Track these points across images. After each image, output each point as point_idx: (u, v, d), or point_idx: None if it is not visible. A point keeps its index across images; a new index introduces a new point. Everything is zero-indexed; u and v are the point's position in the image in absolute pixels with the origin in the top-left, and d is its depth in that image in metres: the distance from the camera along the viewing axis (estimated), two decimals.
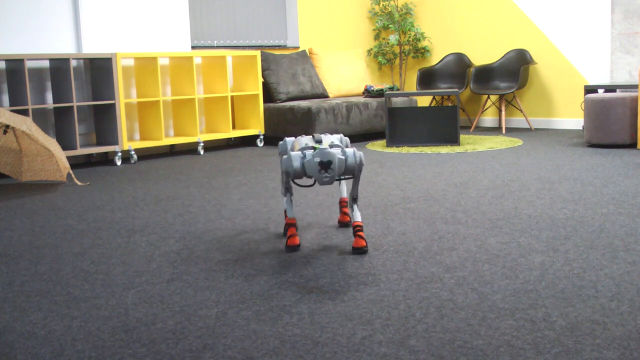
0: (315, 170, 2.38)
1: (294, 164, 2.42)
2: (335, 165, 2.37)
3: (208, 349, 1.68)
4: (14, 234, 3.04)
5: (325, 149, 2.37)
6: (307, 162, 2.39)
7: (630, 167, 4.27)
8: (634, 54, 6.25)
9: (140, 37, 5.74)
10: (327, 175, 2.37)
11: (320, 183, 2.39)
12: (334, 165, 2.37)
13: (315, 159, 2.37)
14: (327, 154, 2.36)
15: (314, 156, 2.38)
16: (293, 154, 2.44)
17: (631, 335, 1.67)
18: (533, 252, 2.44)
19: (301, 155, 2.43)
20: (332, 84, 6.82)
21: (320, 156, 2.37)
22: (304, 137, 2.68)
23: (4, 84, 5.07)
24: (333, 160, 2.37)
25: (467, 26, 7.44)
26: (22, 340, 1.78)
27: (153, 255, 2.59)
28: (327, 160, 2.36)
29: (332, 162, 2.37)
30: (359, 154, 2.44)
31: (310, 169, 2.39)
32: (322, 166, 2.37)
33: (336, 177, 2.41)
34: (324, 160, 2.37)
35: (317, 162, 2.37)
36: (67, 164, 4.31)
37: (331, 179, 2.38)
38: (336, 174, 2.39)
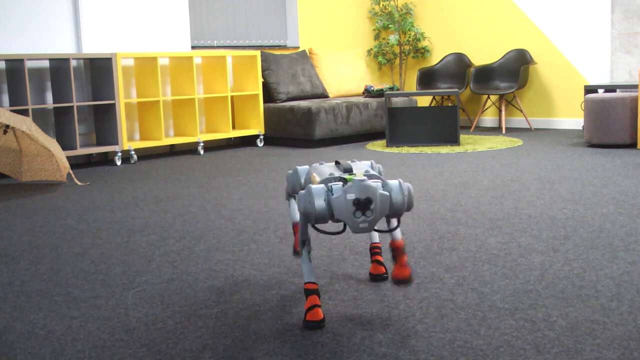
0: (348, 211, 1.71)
1: (317, 202, 1.74)
2: (377, 205, 1.72)
3: (208, 349, 1.68)
4: (14, 234, 3.04)
5: (362, 181, 1.71)
6: (337, 200, 1.72)
7: (630, 167, 4.27)
8: (634, 54, 6.25)
9: (140, 37, 5.74)
10: (365, 219, 1.71)
11: (354, 230, 1.72)
12: (375, 204, 1.71)
13: (349, 196, 1.71)
14: (365, 188, 1.71)
15: (347, 191, 1.71)
16: (314, 188, 1.76)
17: (631, 335, 1.67)
18: (533, 252, 2.44)
19: (326, 189, 1.77)
20: (332, 84, 6.82)
21: (356, 191, 1.71)
22: (325, 164, 2.04)
23: (4, 84, 5.07)
24: (374, 197, 1.71)
25: (467, 26, 7.44)
26: (22, 340, 1.78)
27: (153, 255, 2.59)
28: (365, 197, 1.71)
29: (373, 200, 1.71)
30: (406, 187, 1.80)
31: (341, 210, 1.72)
32: (359, 206, 1.71)
33: (378, 220, 1.74)
34: (361, 198, 1.70)
35: (352, 200, 1.71)
36: (67, 164, 4.31)
37: (371, 225, 1.72)
38: (378, 217, 1.73)
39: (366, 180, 1.73)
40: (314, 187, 1.76)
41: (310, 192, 1.76)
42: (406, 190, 1.80)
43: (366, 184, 1.72)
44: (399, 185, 1.80)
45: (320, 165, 2.02)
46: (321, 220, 1.77)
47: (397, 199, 1.79)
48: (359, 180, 1.72)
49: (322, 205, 1.75)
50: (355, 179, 1.73)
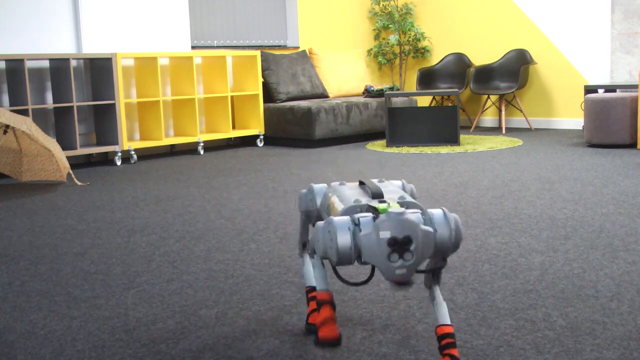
0: (381, 253, 1.32)
1: (340, 239, 1.36)
2: (419, 245, 1.33)
3: (208, 349, 1.68)
4: (14, 234, 3.04)
5: (399, 214, 1.33)
6: (366, 238, 1.33)
7: (630, 167, 4.27)
8: (634, 54, 6.25)
9: (140, 37, 5.74)
10: (403, 264, 1.33)
11: (388, 276, 1.33)
12: (416, 244, 1.33)
13: (382, 234, 1.32)
14: (403, 223, 1.32)
15: (379, 227, 1.32)
16: (337, 221, 1.38)
17: (631, 335, 1.67)
18: (533, 252, 2.44)
19: (352, 223, 1.38)
20: (332, 84, 6.82)
21: (392, 228, 1.32)
22: (346, 185, 1.66)
23: (4, 84, 5.07)
24: (415, 235, 1.32)
25: (467, 26, 7.44)
26: (22, 340, 1.78)
27: (153, 255, 2.59)
28: (404, 235, 1.32)
29: (414, 238, 1.32)
30: (453, 218, 1.42)
31: (372, 252, 1.33)
32: (395, 247, 1.32)
33: (418, 265, 1.35)
34: (398, 237, 1.32)
35: (386, 240, 1.32)
36: (67, 164, 4.31)
37: (410, 270, 1.34)
38: (419, 260, 1.34)
39: (404, 213, 1.33)
40: (337, 219, 1.38)
41: (332, 226, 1.37)
42: (453, 223, 1.41)
43: (405, 218, 1.32)
44: (444, 217, 1.41)
45: (341, 187, 1.65)
46: (345, 262, 1.38)
47: (442, 236, 1.40)
48: (395, 213, 1.32)
49: (347, 243, 1.35)
50: (390, 211, 1.33)
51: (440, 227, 1.41)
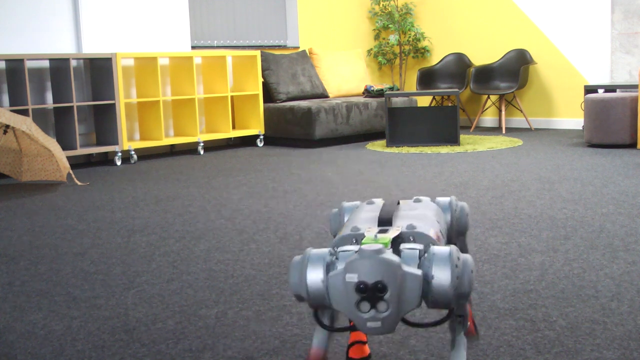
0: (347, 301, 1.11)
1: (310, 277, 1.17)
2: (397, 293, 1.09)
3: (208, 349, 1.68)
4: (14, 234, 3.04)
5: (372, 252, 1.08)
6: (333, 279, 1.13)
7: (630, 167, 4.27)
8: (634, 54, 6.25)
9: (140, 37, 5.74)
10: (375, 317, 1.10)
11: (361, 329, 1.12)
12: (392, 292, 1.08)
13: (349, 277, 1.09)
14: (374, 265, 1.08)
15: (347, 268, 1.10)
16: (312, 254, 1.19)
17: (631, 335, 1.67)
18: (533, 252, 2.44)
19: (327, 259, 1.18)
20: (332, 84, 6.82)
21: (361, 270, 1.08)
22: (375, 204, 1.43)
23: (4, 84, 5.07)
24: (390, 281, 1.08)
25: (467, 26, 7.44)
26: (22, 340, 1.78)
27: (153, 255, 2.59)
28: (373, 281, 1.08)
29: (388, 285, 1.08)
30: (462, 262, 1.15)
31: (339, 297, 1.13)
32: (365, 294, 1.09)
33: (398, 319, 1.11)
34: (367, 282, 1.08)
35: (353, 285, 1.09)
36: (67, 164, 4.31)
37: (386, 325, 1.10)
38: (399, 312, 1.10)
39: (381, 251, 1.08)
40: (314, 252, 1.19)
41: (304, 261, 1.18)
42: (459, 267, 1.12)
43: (379, 258, 1.07)
44: (447, 258, 1.12)
45: (366, 206, 1.42)
46: (319, 306, 1.17)
47: (440, 282, 1.11)
48: (368, 251, 1.08)
49: (318, 284, 1.15)
50: (363, 248, 1.09)
51: (439, 270, 1.11)
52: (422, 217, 1.28)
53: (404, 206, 1.39)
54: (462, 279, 1.13)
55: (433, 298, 1.13)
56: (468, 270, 1.14)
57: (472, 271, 1.14)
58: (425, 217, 1.29)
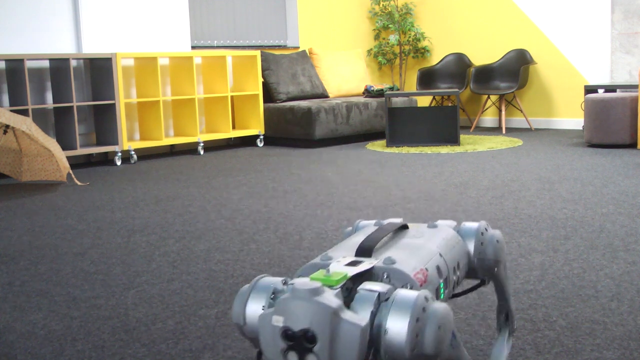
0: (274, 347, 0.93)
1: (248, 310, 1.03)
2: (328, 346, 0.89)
3: (208, 349, 1.68)
4: (14, 234, 3.04)
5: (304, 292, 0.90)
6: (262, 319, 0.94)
7: (630, 167, 4.27)
8: (634, 54, 6.25)
9: (140, 37, 5.74)
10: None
11: None
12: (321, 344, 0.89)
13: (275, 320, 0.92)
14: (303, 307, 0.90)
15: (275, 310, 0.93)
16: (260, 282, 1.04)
17: (631, 335, 1.67)
18: (533, 252, 2.44)
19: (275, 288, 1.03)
20: (332, 84, 6.82)
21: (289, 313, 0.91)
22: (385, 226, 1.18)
23: (4, 84, 5.07)
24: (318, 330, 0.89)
25: (467, 26, 7.44)
26: (22, 340, 1.78)
27: (153, 255, 2.59)
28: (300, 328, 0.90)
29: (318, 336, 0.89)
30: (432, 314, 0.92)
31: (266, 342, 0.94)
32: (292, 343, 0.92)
33: None
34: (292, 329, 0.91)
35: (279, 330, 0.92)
36: (67, 164, 4.31)
37: None
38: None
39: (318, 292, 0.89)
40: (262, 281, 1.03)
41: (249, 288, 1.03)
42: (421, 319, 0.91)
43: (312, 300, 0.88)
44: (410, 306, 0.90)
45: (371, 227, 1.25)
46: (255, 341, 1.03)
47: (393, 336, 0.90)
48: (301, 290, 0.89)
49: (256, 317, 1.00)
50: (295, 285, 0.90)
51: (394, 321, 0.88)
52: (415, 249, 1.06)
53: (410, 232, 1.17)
54: (424, 336, 0.88)
55: (387, 356, 0.91)
56: (433, 326, 0.88)
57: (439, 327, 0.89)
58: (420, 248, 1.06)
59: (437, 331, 0.89)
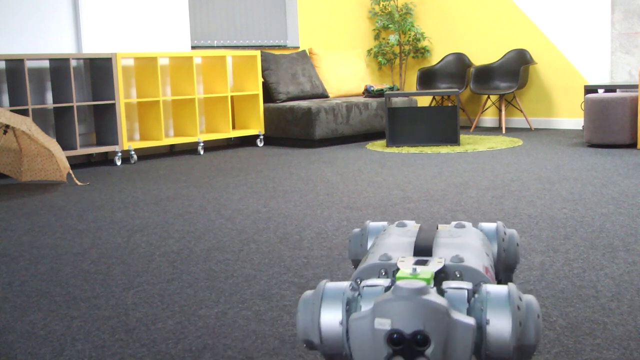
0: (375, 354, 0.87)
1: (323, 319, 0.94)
2: (442, 347, 0.85)
3: (208, 349, 1.68)
4: (14, 234, 3.04)
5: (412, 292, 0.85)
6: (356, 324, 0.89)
7: (630, 167, 4.27)
8: (634, 54, 6.25)
9: (140, 37, 5.74)
10: None
11: None
12: (436, 346, 0.84)
13: (378, 323, 0.85)
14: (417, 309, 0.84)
15: (376, 312, 0.86)
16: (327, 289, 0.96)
17: (631, 335, 1.67)
18: (533, 252, 2.44)
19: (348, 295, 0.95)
20: (332, 84, 6.82)
21: (396, 315, 0.85)
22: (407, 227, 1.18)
23: (4, 84, 5.06)
24: (431, 331, 0.84)
25: (467, 26, 7.44)
26: (22, 340, 1.78)
27: (153, 255, 2.59)
28: (412, 331, 0.84)
29: (431, 337, 0.84)
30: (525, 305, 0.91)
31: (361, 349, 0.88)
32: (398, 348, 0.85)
33: None
34: (402, 332, 0.84)
35: (384, 335, 0.86)
36: (67, 164, 4.31)
37: None
38: None
39: (424, 291, 0.85)
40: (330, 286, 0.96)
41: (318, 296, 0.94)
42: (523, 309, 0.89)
43: (422, 300, 0.84)
44: (506, 299, 0.88)
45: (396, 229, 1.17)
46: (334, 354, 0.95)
47: (498, 330, 0.87)
48: (407, 290, 0.85)
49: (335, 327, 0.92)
50: (399, 286, 0.85)
51: (496, 316, 0.87)
52: (468, 247, 1.03)
53: (444, 232, 1.12)
54: (527, 326, 0.88)
55: (488, 352, 0.88)
56: (533, 316, 0.88)
57: (538, 316, 0.89)
58: (471, 247, 1.04)
59: (537, 320, 0.89)
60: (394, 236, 1.12)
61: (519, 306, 0.88)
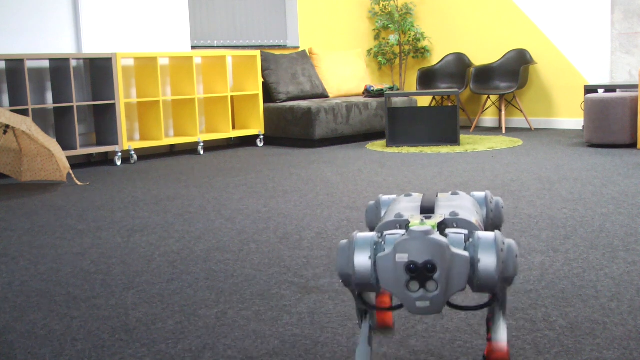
0: (397, 281, 1.15)
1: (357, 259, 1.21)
2: (445, 273, 1.13)
3: (208, 349, 1.68)
4: (14, 234, 3.04)
5: (422, 233, 1.13)
6: (382, 260, 1.15)
7: (630, 167, 4.27)
8: (634, 54, 6.25)
9: (140, 37, 5.74)
10: (424, 296, 1.14)
11: (410, 310, 1.16)
12: (440, 272, 1.12)
13: (399, 257, 1.13)
14: (424, 245, 1.12)
15: (397, 249, 1.13)
16: (359, 238, 1.22)
17: (631, 335, 1.67)
18: (533, 252, 2.44)
19: (374, 240, 1.22)
20: (332, 84, 6.82)
21: (412, 249, 1.12)
22: (413, 196, 1.47)
23: (4, 84, 5.07)
24: (437, 261, 1.12)
25: (467, 26, 7.44)
26: (22, 340, 1.78)
27: (153, 255, 2.59)
28: (423, 261, 1.12)
29: (437, 265, 1.12)
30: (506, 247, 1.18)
31: (388, 277, 1.15)
32: (415, 274, 1.13)
33: (446, 299, 1.15)
34: (416, 262, 1.12)
35: (403, 265, 1.13)
36: (67, 164, 4.31)
37: (435, 305, 1.15)
38: (446, 294, 1.15)
39: (430, 233, 1.12)
40: (360, 236, 1.22)
41: (352, 244, 1.21)
42: (504, 251, 1.16)
43: (429, 239, 1.11)
44: (493, 242, 1.16)
45: (404, 199, 1.43)
46: (366, 288, 1.21)
47: (486, 265, 1.15)
48: (418, 232, 1.12)
49: (366, 265, 1.19)
50: (412, 229, 1.12)
51: (485, 254, 1.14)
52: (463, 207, 1.32)
53: (443, 198, 1.42)
54: (507, 263, 1.17)
55: (479, 282, 1.17)
56: (512, 255, 1.17)
57: (516, 256, 1.18)
58: (465, 207, 1.33)
59: (515, 259, 1.17)
60: (403, 202, 1.41)
61: (502, 248, 1.16)
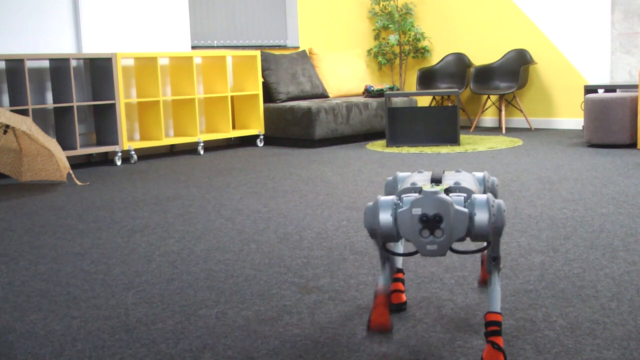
0: (412, 229, 1.48)
1: (382, 216, 1.53)
2: (450, 224, 1.46)
3: (208, 349, 1.68)
4: (14, 234, 3.04)
5: (433, 194, 1.46)
6: (402, 214, 1.49)
7: (630, 167, 4.27)
8: (634, 54, 6.25)
9: (140, 37, 5.74)
10: (434, 241, 1.47)
11: (421, 252, 1.50)
12: (446, 222, 1.46)
13: (415, 211, 1.47)
14: (434, 201, 1.46)
15: (413, 205, 1.47)
16: (382, 200, 1.54)
17: (631, 335, 1.67)
18: (533, 252, 2.44)
19: (395, 202, 1.54)
20: (332, 84, 6.82)
21: (424, 205, 1.47)
22: (424, 173, 1.79)
23: (4, 84, 5.07)
24: (445, 213, 1.46)
25: (467, 26, 7.44)
26: (22, 340, 1.78)
27: (153, 255, 2.59)
28: (433, 213, 1.46)
29: (442, 217, 1.46)
30: (496, 205, 1.51)
31: (406, 227, 1.49)
32: (426, 224, 1.47)
33: (450, 243, 1.48)
34: (428, 214, 1.46)
35: (418, 216, 1.47)
36: (67, 164, 4.31)
37: (441, 248, 1.48)
38: (450, 239, 1.48)
39: (439, 193, 1.45)
40: (383, 199, 1.55)
41: (375, 205, 1.53)
42: (494, 208, 1.49)
43: (437, 197, 1.44)
44: (485, 201, 1.49)
45: (417, 174, 1.76)
46: (389, 239, 1.54)
47: (480, 219, 1.48)
48: (429, 192, 1.45)
49: (388, 220, 1.51)
50: (425, 190, 1.46)
51: (479, 210, 1.50)
52: (464, 179, 1.66)
53: (448, 173, 1.76)
54: (497, 217, 1.49)
55: (475, 232, 1.50)
56: (501, 211, 1.50)
57: (504, 211, 1.50)
58: (466, 179, 1.67)
59: (503, 214, 1.50)
60: (417, 176, 1.74)
61: (493, 205, 1.50)
